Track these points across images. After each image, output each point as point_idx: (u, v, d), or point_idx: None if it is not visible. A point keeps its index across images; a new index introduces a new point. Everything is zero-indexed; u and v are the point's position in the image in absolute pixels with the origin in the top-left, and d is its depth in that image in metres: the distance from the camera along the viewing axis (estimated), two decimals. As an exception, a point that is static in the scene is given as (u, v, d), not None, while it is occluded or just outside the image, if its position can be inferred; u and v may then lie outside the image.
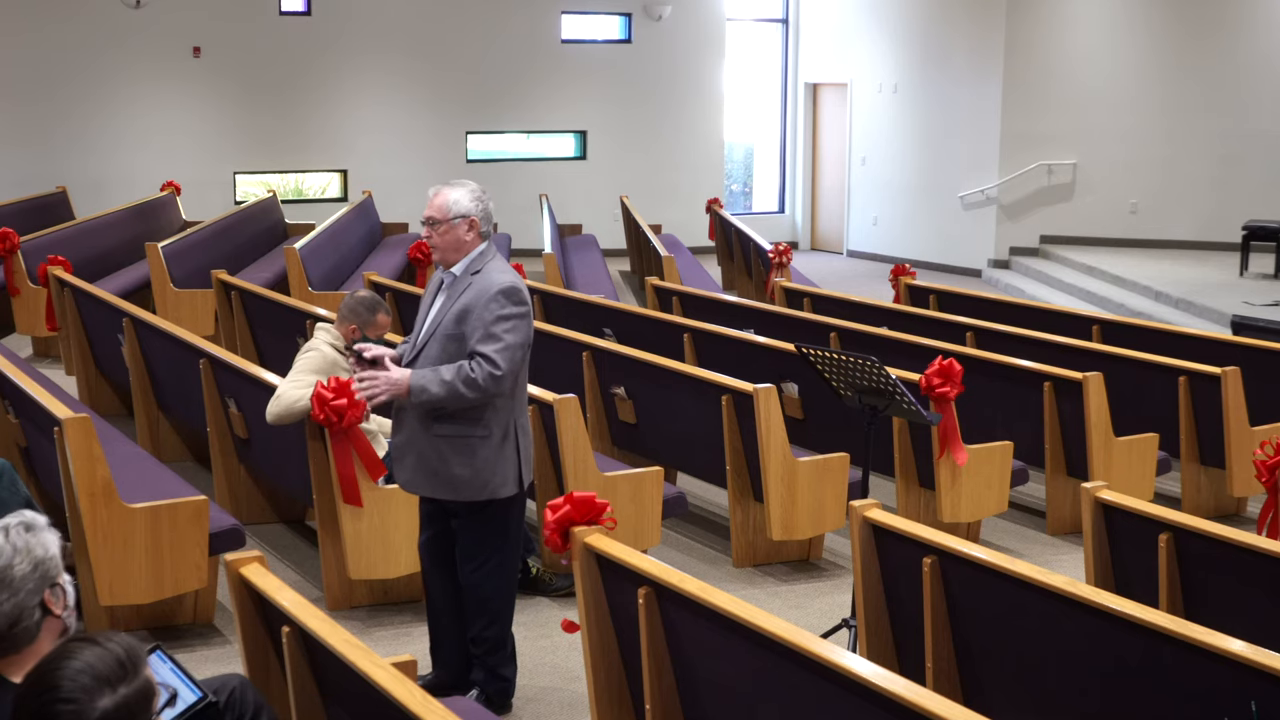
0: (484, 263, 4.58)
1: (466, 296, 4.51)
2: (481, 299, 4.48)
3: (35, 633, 2.96)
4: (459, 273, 4.58)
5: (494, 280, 4.52)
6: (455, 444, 4.52)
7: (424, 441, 4.55)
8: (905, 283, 10.77)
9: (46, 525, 3.11)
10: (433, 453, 4.55)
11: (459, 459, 4.53)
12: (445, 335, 4.51)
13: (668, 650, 3.78)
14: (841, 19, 18.76)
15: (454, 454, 4.52)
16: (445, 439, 4.52)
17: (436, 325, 4.55)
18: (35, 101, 15.54)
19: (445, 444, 4.52)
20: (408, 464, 4.62)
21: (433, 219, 4.57)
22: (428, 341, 4.55)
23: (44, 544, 3.03)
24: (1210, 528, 4.31)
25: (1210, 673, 3.33)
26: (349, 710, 3.48)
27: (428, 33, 17.12)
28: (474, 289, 4.52)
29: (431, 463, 4.56)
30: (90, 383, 8.89)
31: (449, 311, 4.53)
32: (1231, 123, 16.16)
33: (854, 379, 5.26)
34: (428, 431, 4.53)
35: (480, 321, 4.46)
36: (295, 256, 10.91)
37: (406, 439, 4.59)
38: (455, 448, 4.52)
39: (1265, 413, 7.39)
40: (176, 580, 5.33)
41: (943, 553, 4.05)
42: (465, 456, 4.53)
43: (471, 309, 4.48)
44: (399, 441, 4.63)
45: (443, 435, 4.52)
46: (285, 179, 17.12)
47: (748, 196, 20.48)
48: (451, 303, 4.54)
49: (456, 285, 4.57)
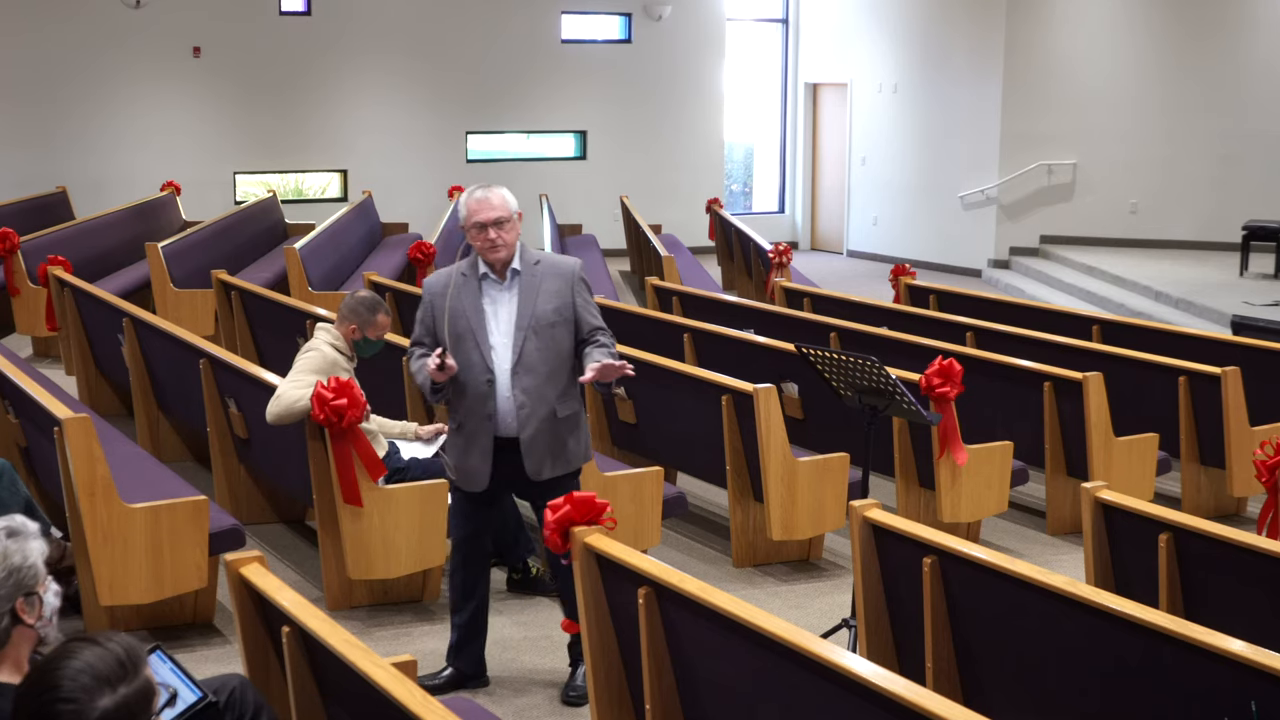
0: (530, 251, 4.84)
1: (550, 285, 4.76)
2: (568, 283, 4.78)
3: (3, 640, 2.95)
4: (520, 266, 4.77)
5: (565, 263, 4.85)
6: (570, 421, 4.86)
7: (550, 427, 4.78)
8: (905, 283, 10.77)
9: (36, 533, 3.09)
10: (554, 435, 4.80)
11: (571, 435, 4.87)
12: (547, 325, 4.73)
13: (668, 650, 3.78)
14: (841, 19, 18.76)
15: (568, 431, 4.85)
16: (564, 420, 4.82)
17: (530, 319, 4.71)
18: (35, 101, 15.55)
19: (564, 424, 4.82)
20: (538, 452, 4.78)
21: (501, 219, 4.72)
22: (526, 336, 4.71)
23: (24, 551, 3.01)
24: (1210, 528, 4.31)
25: (1210, 673, 3.33)
26: (349, 710, 3.48)
27: (428, 33, 17.13)
28: (551, 276, 4.77)
29: (554, 443, 4.81)
30: (90, 383, 8.89)
31: (538, 304, 4.73)
32: (1231, 123, 16.16)
33: (854, 379, 5.26)
34: (554, 418, 4.79)
35: (584, 303, 4.81)
36: (295, 256, 10.91)
37: (536, 430, 4.76)
38: (570, 425, 4.85)
39: (1265, 413, 7.39)
40: (176, 580, 5.33)
41: (943, 553, 4.05)
42: (574, 431, 4.89)
43: (566, 294, 4.77)
44: (527, 436, 4.75)
45: (563, 417, 4.81)
46: (285, 179, 17.12)
47: (748, 196, 20.48)
48: (534, 295, 4.73)
49: (528, 277, 4.76)
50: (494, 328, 4.73)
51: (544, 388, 4.74)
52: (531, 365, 4.71)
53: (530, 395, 4.71)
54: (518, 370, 4.70)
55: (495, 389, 4.72)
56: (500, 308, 4.74)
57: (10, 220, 12.08)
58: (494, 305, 4.75)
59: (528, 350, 4.70)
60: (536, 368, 4.72)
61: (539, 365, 4.72)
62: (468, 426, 4.79)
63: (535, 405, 4.73)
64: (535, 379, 4.72)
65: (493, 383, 4.72)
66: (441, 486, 5.72)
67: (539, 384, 4.72)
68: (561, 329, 4.75)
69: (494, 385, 4.72)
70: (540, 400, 4.73)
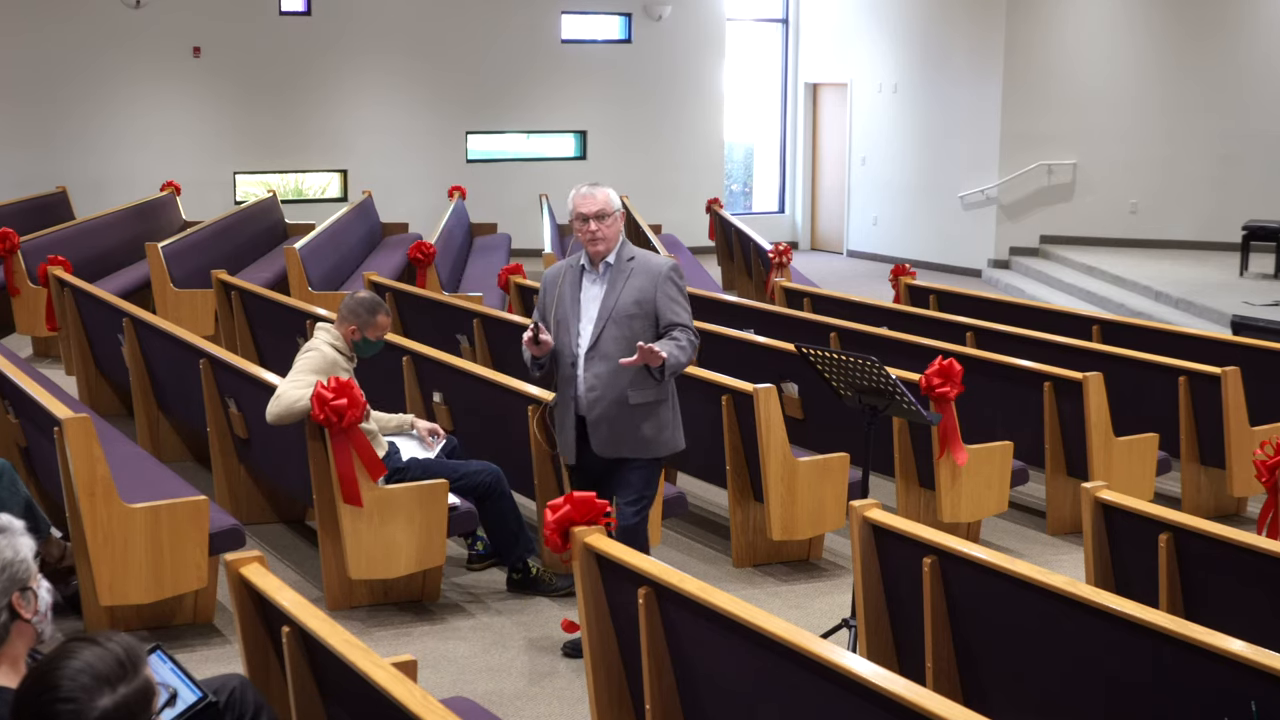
0: (629, 249, 5.17)
1: (637, 280, 5.09)
2: (656, 279, 5.09)
3: (3, 636, 2.95)
4: (614, 261, 5.12)
5: (657, 261, 5.17)
6: (646, 410, 5.11)
7: (619, 412, 5.08)
8: (905, 283, 10.77)
9: (23, 529, 3.09)
10: (626, 420, 5.09)
11: (647, 422, 5.13)
12: (626, 316, 5.05)
13: (668, 650, 3.78)
14: (841, 19, 18.76)
15: (644, 418, 5.11)
16: (638, 407, 5.09)
17: (611, 309, 5.06)
18: (35, 101, 15.55)
19: (638, 411, 5.09)
20: (602, 432, 5.10)
21: (602, 213, 5.08)
22: (605, 324, 5.06)
23: (15, 547, 3.01)
24: (1210, 528, 4.31)
25: (1210, 673, 3.33)
26: (349, 710, 3.48)
27: (428, 33, 17.12)
28: (641, 272, 5.10)
29: (622, 428, 5.09)
30: (90, 383, 8.89)
31: (620, 295, 5.07)
32: (1231, 123, 16.15)
33: (854, 379, 5.27)
34: (625, 404, 5.07)
35: (667, 298, 5.09)
36: (295, 256, 10.91)
37: (602, 412, 5.08)
38: (645, 413, 5.11)
39: (1265, 413, 7.39)
40: (176, 580, 5.33)
41: (943, 553, 4.05)
42: (652, 420, 5.13)
43: (649, 289, 5.07)
44: (594, 417, 5.09)
45: (637, 404, 5.09)
46: (285, 179, 17.12)
47: (748, 196, 20.48)
48: (620, 287, 5.08)
49: (618, 271, 5.11)
50: (583, 315, 5.12)
51: (616, 374, 5.04)
52: (606, 352, 5.05)
53: (601, 380, 5.06)
54: (592, 355, 5.07)
55: (576, 371, 5.11)
56: (591, 297, 5.13)
57: (10, 220, 12.07)
58: (586, 295, 5.15)
59: (604, 338, 5.06)
60: (610, 354, 5.04)
61: (613, 352, 5.04)
62: (559, 405, 5.22)
63: (605, 390, 5.06)
64: (608, 365, 5.04)
65: (575, 365, 5.12)
66: (441, 486, 5.72)
67: (611, 369, 5.04)
68: (640, 321, 5.06)
69: (576, 368, 5.11)
70: (610, 386, 5.05)
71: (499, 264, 12.38)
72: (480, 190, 17.15)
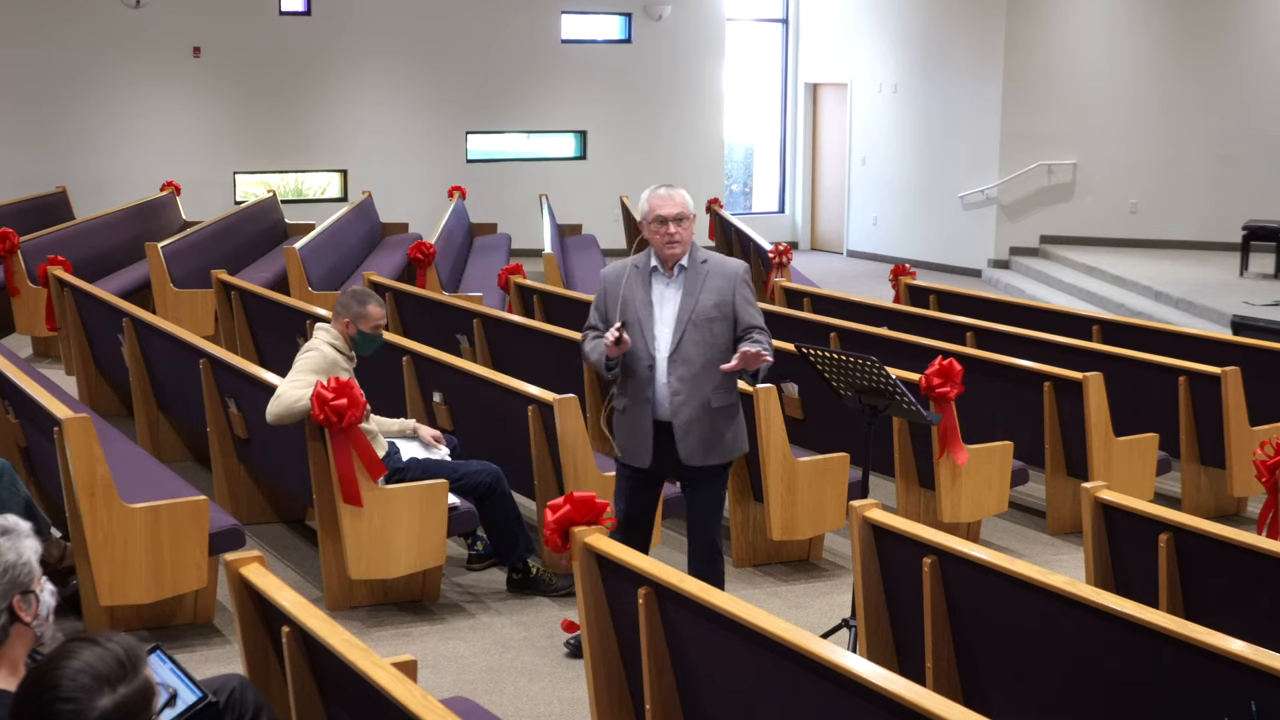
0: (699, 251, 5.11)
1: (714, 282, 5.02)
2: (733, 282, 5.04)
3: (1, 639, 2.94)
4: (687, 263, 5.05)
5: (731, 263, 5.12)
6: (726, 412, 5.08)
7: (705, 416, 5.02)
8: (905, 283, 10.77)
9: (29, 531, 3.08)
10: (709, 424, 5.03)
11: (727, 425, 5.10)
12: (706, 319, 4.99)
13: (668, 650, 3.78)
14: (841, 19, 18.76)
15: (724, 422, 5.08)
16: (720, 410, 5.06)
17: (691, 311, 4.99)
18: (35, 101, 15.54)
19: (719, 414, 5.06)
20: (691, 440, 5.02)
21: (681, 216, 5.02)
22: (685, 327, 4.98)
23: (18, 549, 3.00)
24: (1210, 528, 4.31)
25: (1210, 673, 3.33)
26: (349, 710, 3.48)
27: (428, 33, 17.12)
28: (716, 274, 5.04)
29: (708, 433, 5.04)
30: (90, 383, 8.89)
31: (699, 298, 5.00)
32: (1231, 123, 16.15)
33: (854, 379, 5.27)
34: (708, 407, 5.02)
35: (745, 301, 5.06)
36: (295, 256, 10.91)
37: (691, 417, 5.01)
38: (725, 416, 5.08)
39: (1265, 413, 7.39)
40: (176, 580, 5.33)
41: (943, 553, 4.05)
42: (730, 422, 5.11)
43: (727, 291, 5.02)
44: (681, 422, 5.00)
45: (718, 407, 5.05)
46: (285, 179, 17.12)
47: (748, 196, 20.48)
48: (697, 289, 5.01)
49: (693, 274, 5.04)
50: (658, 318, 5.03)
51: (699, 378, 4.98)
52: (688, 356, 4.98)
53: (685, 384, 4.99)
54: (675, 359, 4.99)
55: (655, 374, 5.01)
56: (665, 300, 5.05)
57: (10, 220, 12.07)
58: (660, 297, 5.05)
59: (686, 341, 4.98)
60: (693, 358, 4.98)
61: (695, 356, 4.98)
62: (631, 408, 5.09)
63: (689, 394, 4.99)
64: (691, 369, 4.98)
65: (653, 368, 5.01)
66: (441, 486, 5.72)
67: (694, 373, 4.98)
68: (720, 324, 5.01)
69: (654, 371, 5.01)
70: (695, 389, 4.99)
71: (499, 264, 12.38)
72: (480, 190, 17.15)
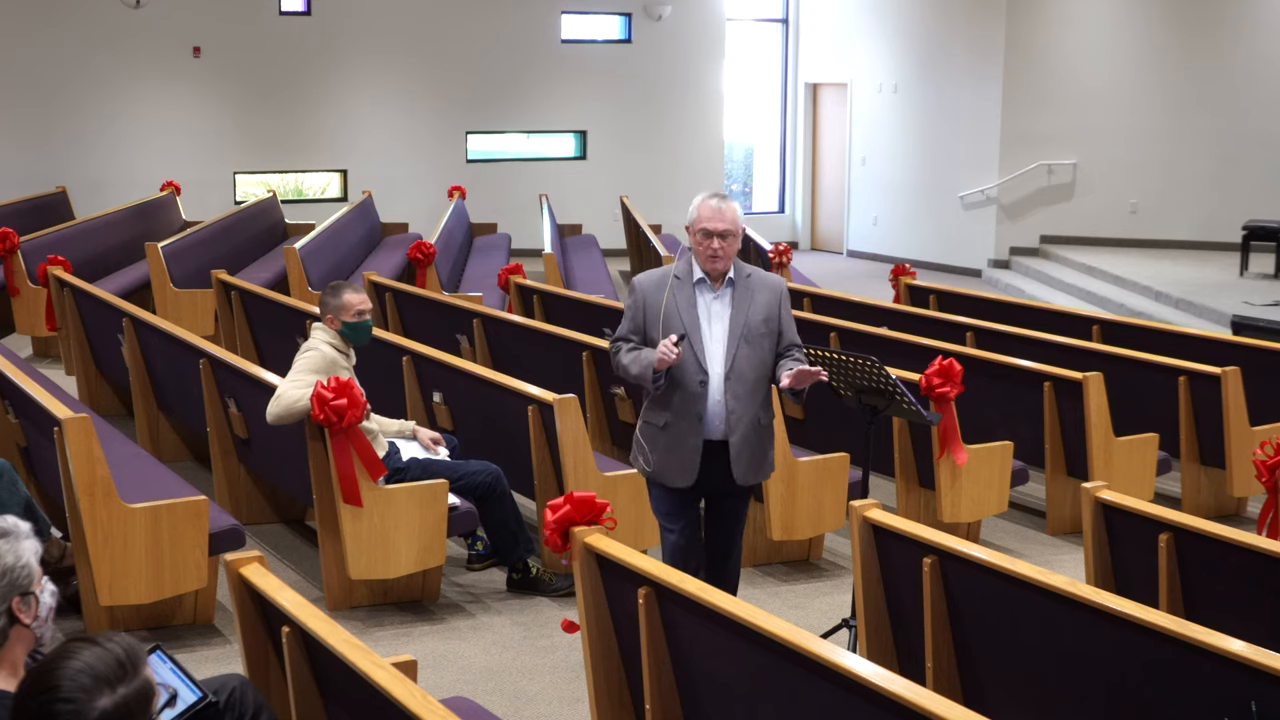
0: (742, 265, 4.96)
1: (761, 297, 4.90)
2: (776, 297, 4.95)
3: (1, 640, 2.94)
4: (734, 277, 4.90)
5: (772, 278, 5.01)
6: (768, 430, 5.01)
7: (755, 434, 4.92)
8: (905, 283, 10.77)
9: (29, 533, 3.08)
10: (758, 442, 4.94)
11: (771, 443, 5.04)
12: (758, 335, 4.88)
13: (668, 650, 3.78)
14: (841, 19, 18.76)
15: (767, 440, 5.01)
16: (765, 428, 4.98)
17: (743, 327, 4.86)
18: (35, 101, 15.55)
19: (765, 432, 4.99)
20: (744, 459, 4.89)
21: (728, 232, 4.83)
22: (739, 343, 4.84)
23: (17, 551, 3.00)
24: (1210, 528, 4.31)
25: (1210, 673, 3.33)
26: (349, 710, 3.48)
27: (428, 33, 17.12)
28: (761, 290, 4.92)
29: (757, 451, 4.94)
30: (90, 383, 8.89)
31: (749, 314, 4.87)
32: (1231, 122, 16.16)
33: (854, 379, 5.27)
34: (758, 425, 4.92)
35: (788, 316, 4.99)
36: (295, 256, 10.91)
37: (744, 435, 4.88)
38: (768, 434, 5.01)
39: (1265, 413, 7.39)
40: (176, 580, 5.33)
41: (943, 553, 4.05)
42: (770, 440, 5.04)
43: (774, 306, 4.93)
44: (737, 440, 4.87)
45: (764, 425, 4.97)
46: (285, 179, 17.12)
47: (748, 196, 20.48)
48: (746, 305, 4.88)
49: (742, 289, 4.90)
50: (709, 332, 4.86)
51: (752, 394, 4.87)
52: (742, 373, 4.84)
53: (740, 401, 4.84)
54: (730, 376, 4.82)
55: (708, 391, 4.83)
56: (715, 314, 4.88)
57: (10, 220, 12.07)
58: (708, 311, 4.88)
59: (740, 357, 4.84)
60: (746, 375, 4.85)
61: (748, 373, 4.85)
62: (676, 425, 4.87)
63: (744, 411, 4.85)
64: (745, 386, 4.85)
65: (706, 384, 4.82)
66: (441, 486, 5.72)
67: (748, 391, 4.86)
68: (768, 340, 4.90)
69: (707, 387, 4.82)
70: (748, 406, 4.86)
71: (499, 264, 12.38)
72: (480, 190, 17.16)
